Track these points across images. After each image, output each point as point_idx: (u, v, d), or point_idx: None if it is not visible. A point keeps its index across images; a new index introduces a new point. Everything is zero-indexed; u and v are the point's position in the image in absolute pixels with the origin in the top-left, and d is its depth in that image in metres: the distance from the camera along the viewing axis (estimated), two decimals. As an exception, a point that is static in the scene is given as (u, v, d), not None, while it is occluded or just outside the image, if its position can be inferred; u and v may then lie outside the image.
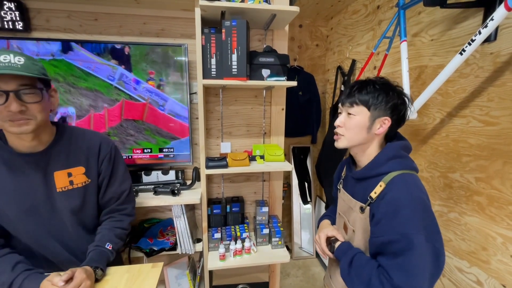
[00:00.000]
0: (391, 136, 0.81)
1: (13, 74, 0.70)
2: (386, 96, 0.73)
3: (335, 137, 0.83)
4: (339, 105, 0.83)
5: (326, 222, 0.97)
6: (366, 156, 0.80)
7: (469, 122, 1.05)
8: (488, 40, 0.95)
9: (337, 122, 0.80)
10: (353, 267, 0.73)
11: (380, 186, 0.72)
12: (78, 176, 0.90)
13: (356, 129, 0.76)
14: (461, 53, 0.89)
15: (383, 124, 0.75)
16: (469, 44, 0.87)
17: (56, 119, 1.32)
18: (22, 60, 0.73)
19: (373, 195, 0.73)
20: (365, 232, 0.77)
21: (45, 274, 0.77)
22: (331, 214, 1.03)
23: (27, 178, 0.83)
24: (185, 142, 1.45)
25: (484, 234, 1.00)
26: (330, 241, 0.84)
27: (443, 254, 0.69)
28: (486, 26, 0.80)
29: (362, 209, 0.77)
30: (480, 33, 0.83)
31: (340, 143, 0.81)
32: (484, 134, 0.99)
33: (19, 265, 0.79)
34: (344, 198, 0.88)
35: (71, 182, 0.89)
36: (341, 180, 0.94)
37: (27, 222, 0.85)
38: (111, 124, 1.38)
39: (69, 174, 0.89)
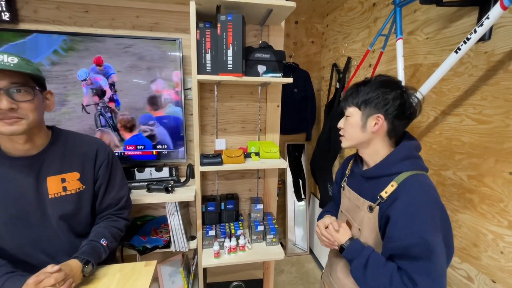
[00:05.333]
0: (400, 135, 0.80)
1: (3, 69, 0.69)
2: (377, 93, 0.73)
3: (340, 138, 0.85)
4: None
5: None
6: (374, 155, 0.79)
7: (462, 120, 1.06)
8: (482, 39, 0.95)
9: (339, 124, 0.84)
10: (369, 268, 0.70)
11: (392, 186, 0.71)
12: (72, 182, 0.88)
13: (352, 129, 0.79)
14: (456, 52, 0.90)
15: (377, 121, 0.74)
16: (465, 42, 0.87)
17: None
18: (16, 60, 0.72)
19: (384, 194, 0.72)
20: (372, 231, 0.76)
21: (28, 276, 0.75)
22: (331, 210, 1.02)
23: (18, 183, 0.80)
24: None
25: (475, 231, 1.01)
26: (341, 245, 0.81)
27: (452, 253, 0.70)
28: (481, 25, 0.81)
29: (370, 208, 0.75)
30: (475, 31, 0.83)
31: (343, 144, 0.84)
32: (477, 132, 1.00)
33: (0, 268, 0.76)
34: (349, 196, 0.86)
35: (64, 188, 0.86)
36: (346, 178, 0.92)
37: (15, 230, 0.81)
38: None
39: (63, 180, 0.86)
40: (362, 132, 0.77)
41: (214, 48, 1.20)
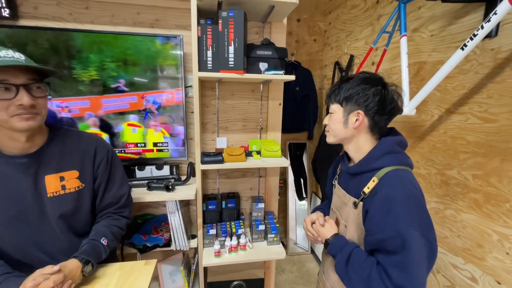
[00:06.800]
0: (386, 131, 0.80)
1: (25, 65, 0.69)
2: (357, 90, 0.74)
3: (325, 133, 0.87)
4: None
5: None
6: (358, 151, 0.80)
7: (467, 119, 1.04)
8: (489, 35, 0.93)
9: (324, 121, 0.86)
10: (351, 263, 0.71)
11: (373, 181, 0.71)
12: (71, 180, 0.86)
13: (335, 125, 0.81)
14: (462, 48, 0.88)
15: (358, 117, 0.75)
16: (471, 39, 0.85)
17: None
18: (23, 56, 0.72)
19: (366, 190, 0.72)
20: (357, 228, 0.76)
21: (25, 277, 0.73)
22: (323, 207, 1.02)
23: (15, 182, 0.79)
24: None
25: (480, 231, 1.00)
26: (326, 240, 0.82)
27: (436, 248, 0.69)
28: (489, 21, 0.79)
29: (355, 204, 0.76)
30: (482, 27, 0.81)
31: (327, 139, 0.86)
32: (482, 131, 0.98)
33: None
34: (338, 193, 0.87)
35: (63, 187, 0.85)
36: (337, 176, 0.93)
37: (13, 230, 0.80)
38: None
39: (62, 178, 0.85)
40: (344, 128, 0.78)
41: (216, 45, 1.18)
